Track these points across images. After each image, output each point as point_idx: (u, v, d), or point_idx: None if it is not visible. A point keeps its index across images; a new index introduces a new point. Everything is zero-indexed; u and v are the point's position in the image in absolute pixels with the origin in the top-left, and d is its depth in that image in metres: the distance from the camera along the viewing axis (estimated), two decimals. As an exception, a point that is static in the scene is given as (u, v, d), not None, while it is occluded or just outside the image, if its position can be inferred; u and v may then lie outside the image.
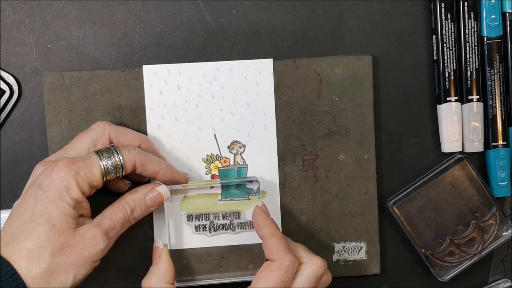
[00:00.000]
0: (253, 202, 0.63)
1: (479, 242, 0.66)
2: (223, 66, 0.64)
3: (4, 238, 0.53)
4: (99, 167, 0.56)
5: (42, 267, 0.52)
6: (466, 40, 0.65)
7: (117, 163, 0.56)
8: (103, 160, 0.56)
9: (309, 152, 0.65)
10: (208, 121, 0.64)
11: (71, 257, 0.54)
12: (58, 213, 0.53)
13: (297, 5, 0.66)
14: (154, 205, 0.60)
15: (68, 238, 0.54)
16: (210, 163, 0.64)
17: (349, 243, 0.66)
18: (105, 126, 0.59)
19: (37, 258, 0.52)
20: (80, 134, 0.59)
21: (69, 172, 0.54)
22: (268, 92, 0.64)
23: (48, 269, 0.52)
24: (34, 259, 0.52)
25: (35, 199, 0.54)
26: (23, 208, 0.54)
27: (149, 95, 0.64)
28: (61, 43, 0.65)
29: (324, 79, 0.65)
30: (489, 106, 0.66)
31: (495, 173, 0.66)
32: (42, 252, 0.52)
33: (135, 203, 0.58)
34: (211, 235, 0.64)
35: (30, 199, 0.54)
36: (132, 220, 0.58)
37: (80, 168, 0.55)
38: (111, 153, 0.56)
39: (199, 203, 0.64)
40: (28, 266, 0.52)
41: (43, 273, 0.52)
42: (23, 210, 0.54)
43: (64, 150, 0.58)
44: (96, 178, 0.55)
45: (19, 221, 0.53)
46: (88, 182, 0.55)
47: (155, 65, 0.64)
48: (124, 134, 0.60)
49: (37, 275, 0.52)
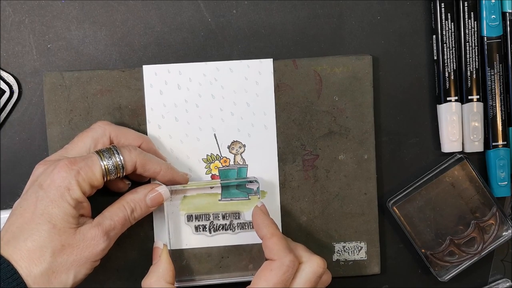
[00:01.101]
0: (253, 202, 0.63)
1: (479, 242, 0.66)
2: (223, 66, 0.64)
3: (5, 237, 0.53)
4: (99, 167, 0.56)
5: (42, 266, 0.52)
6: (466, 40, 0.65)
7: (118, 163, 0.56)
8: (104, 160, 0.56)
9: (309, 152, 0.65)
10: (208, 121, 0.64)
11: (72, 257, 0.54)
12: (59, 213, 0.53)
13: (297, 5, 0.66)
14: (154, 205, 0.60)
15: (69, 238, 0.54)
16: (210, 163, 0.64)
17: (349, 243, 0.66)
18: (106, 126, 0.59)
19: (38, 257, 0.52)
20: (80, 134, 0.59)
21: (70, 172, 0.54)
22: (268, 92, 0.64)
23: (48, 269, 0.52)
24: (35, 258, 0.52)
25: (36, 199, 0.54)
26: (23, 207, 0.54)
27: (149, 95, 0.64)
28: (61, 43, 0.65)
29: (324, 79, 0.65)
30: (489, 106, 0.66)
31: (495, 173, 0.66)
32: (43, 251, 0.52)
33: (135, 203, 0.58)
34: (211, 235, 0.64)
35: (30, 198, 0.54)
36: (132, 220, 0.58)
37: (81, 168, 0.55)
38: (111, 153, 0.56)
39: (199, 203, 0.64)
40: (29, 265, 0.52)
41: (43, 273, 0.52)
42: (24, 210, 0.54)
43: (65, 150, 0.58)
44: (97, 178, 0.55)
45: (20, 221, 0.53)
46: (89, 182, 0.55)
47: (155, 65, 0.64)
48: (125, 134, 0.60)
49: (38, 274, 0.52)
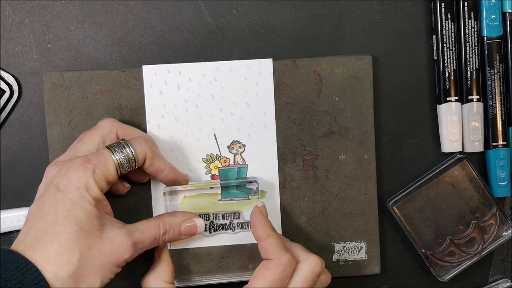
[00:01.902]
0: (253, 202, 0.63)
1: (479, 242, 0.66)
2: (223, 66, 0.64)
3: (27, 241, 0.52)
4: (112, 162, 0.55)
5: (70, 269, 0.51)
6: (466, 40, 0.65)
7: (130, 156, 0.56)
8: (116, 154, 0.56)
9: (309, 152, 0.65)
10: (208, 121, 0.64)
11: (99, 261, 0.53)
12: (83, 214, 0.52)
13: (297, 5, 0.66)
14: (186, 235, 0.59)
15: (96, 240, 0.53)
16: (210, 163, 0.64)
17: (349, 243, 0.66)
18: (113, 123, 0.59)
19: (65, 261, 0.51)
20: (88, 132, 0.59)
21: (86, 171, 0.53)
22: (268, 92, 0.64)
23: (76, 272, 0.51)
24: (62, 262, 0.51)
25: (55, 201, 0.53)
26: (43, 210, 0.53)
27: (149, 95, 0.64)
28: (61, 43, 0.65)
29: (324, 79, 0.65)
30: (489, 106, 0.66)
31: (495, 173, 0.66)
32: (71, 255, 0.51)
33: (170, 226, 0.58)
34: (211, 235, 0.64)
35: (49, 201, 0.53)
36: (161, 242, 0.58)
37: (96, 166, 0.54)
38: (122, 147, 0.56)
39: (199, 203, 0.63)
40: (56, 269, 0.50)
41: (71, 276, 0.51)
42: (45, 213, 0.52)
43: (74, 149, 0.58)
44: (111, 173, 0.55)
45: (41, 224, 0.52)
46: (105, 179, 0.55)
47: (155, 65, 0.64)
48: (132, 132, 0.60)
49: (65, 278, 0.51)
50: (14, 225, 0.65)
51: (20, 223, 0.64)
